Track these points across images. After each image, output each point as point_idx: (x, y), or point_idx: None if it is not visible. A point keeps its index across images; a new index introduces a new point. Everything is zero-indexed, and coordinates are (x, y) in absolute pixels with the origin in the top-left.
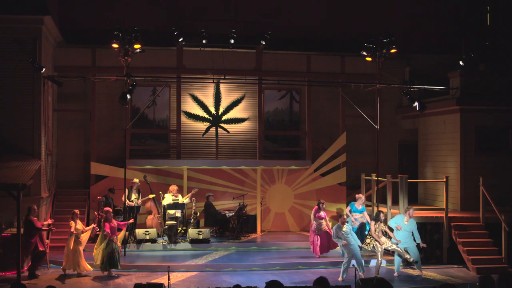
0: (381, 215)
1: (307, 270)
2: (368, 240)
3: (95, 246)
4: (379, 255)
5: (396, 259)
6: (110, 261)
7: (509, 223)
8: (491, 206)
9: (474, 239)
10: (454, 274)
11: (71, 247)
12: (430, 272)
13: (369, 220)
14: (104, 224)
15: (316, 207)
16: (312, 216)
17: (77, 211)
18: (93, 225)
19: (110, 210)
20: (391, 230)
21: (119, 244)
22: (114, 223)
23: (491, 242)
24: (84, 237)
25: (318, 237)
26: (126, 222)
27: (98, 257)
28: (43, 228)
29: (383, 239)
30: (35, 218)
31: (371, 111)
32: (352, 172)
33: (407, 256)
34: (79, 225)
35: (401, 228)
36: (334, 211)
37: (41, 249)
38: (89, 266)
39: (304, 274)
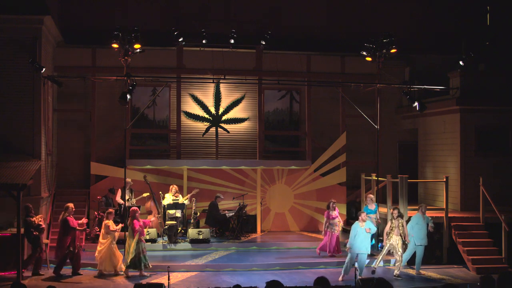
0: (395, 212)
1: (307, 270)
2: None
3: (126, 247)
4: (384, 251)
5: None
6: (136, 262)
7: (509, 223)
8: (491, 206)
9: (474, 239)
10: (454, 274)
11: (108, 247)
12: (430, 272)
13: (377, 220)
14: (133, 222)
15: (327, 210)
16: (325, 218)
17: (111, 210)
18: (121, 225)
19: (137, 209)
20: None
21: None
22: (141, 221)
23: (491, 242)
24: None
25: (330, 236)
26: (149, 221)
27: (128, 257)
28: (78, 228)
29: (394, 238)
30: (71, 217)
31: (371, 111)
32: (352, 172)
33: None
34: (113, 224)
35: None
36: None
37: (70, 249)
38: (124, 265)
39: (304, 274)
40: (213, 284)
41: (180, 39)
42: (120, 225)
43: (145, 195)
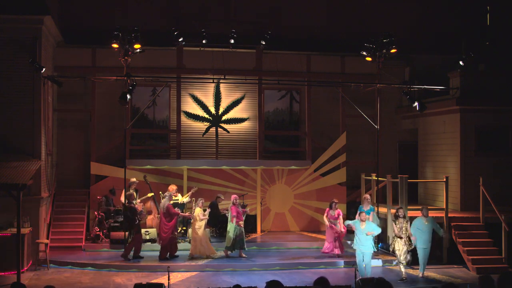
0: (400, 211)
1: (307, 270)
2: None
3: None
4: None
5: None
6: (240, 242)
7: (509, 223)
8: (491, 206)
9: (474, 239)
10: (454, 274)
11: (203, 233)
12: (430, 272)
13: (371, 219)
14: (231, 208)
15: (328, 208)
16: (324, 217)
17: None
18: (206, 216)
19: (237, 196)
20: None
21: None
22: (239, 208)
23: (491, 242)
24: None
25: (329, 236)
26: (244, 210)
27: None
28: (180, 213)
29: (398, 242)
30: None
31: (371, 111)
32: (352, 172)
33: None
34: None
35: (415, 240)
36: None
37: (175, 233)
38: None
39: (304, 274)
40: (213, 284)
41: (180, 39)
42: (208, 211)
43: (149, 195)
